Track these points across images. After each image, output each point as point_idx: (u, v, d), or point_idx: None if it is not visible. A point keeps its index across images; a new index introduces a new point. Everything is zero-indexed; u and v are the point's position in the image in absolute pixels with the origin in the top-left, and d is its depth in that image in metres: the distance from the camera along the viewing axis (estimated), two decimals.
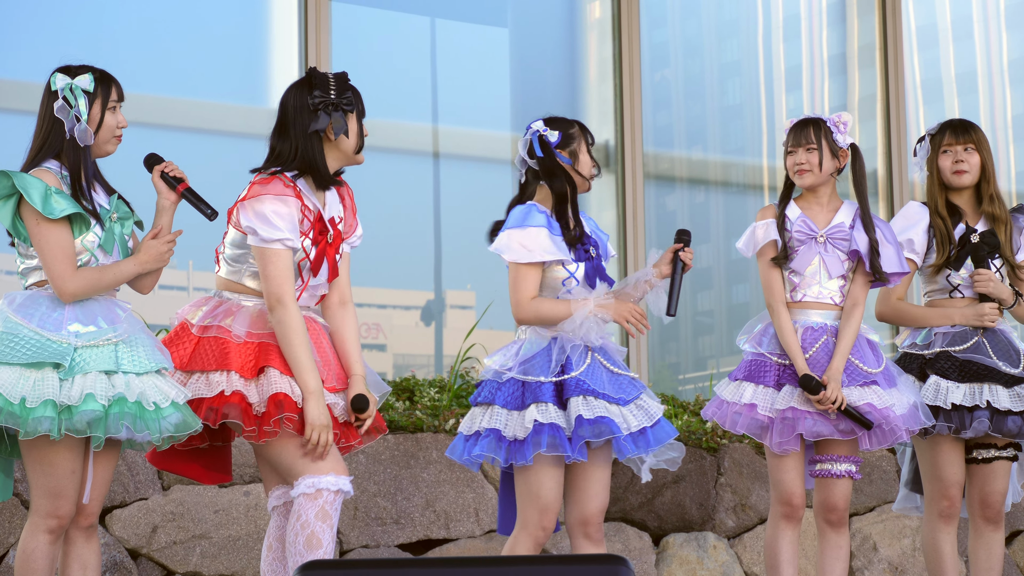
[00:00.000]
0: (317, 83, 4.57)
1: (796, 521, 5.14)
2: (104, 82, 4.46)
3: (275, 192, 4.50)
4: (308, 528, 4.39)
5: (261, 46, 7.78)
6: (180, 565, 5.92)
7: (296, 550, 4.40)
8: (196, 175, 4.25)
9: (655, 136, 8.73)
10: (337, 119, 4.55)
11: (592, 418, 4.63)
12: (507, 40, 8.57)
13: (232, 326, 4.50)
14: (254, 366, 4.45)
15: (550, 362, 4.72)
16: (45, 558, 4.35)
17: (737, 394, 5.15)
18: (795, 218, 5.21)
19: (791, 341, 5.08)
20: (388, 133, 7.87)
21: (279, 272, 4.48)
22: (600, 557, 3.09)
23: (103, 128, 4.45)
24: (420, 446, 6.40)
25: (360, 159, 4.64)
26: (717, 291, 9.13)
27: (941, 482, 5.32)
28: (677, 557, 6.72)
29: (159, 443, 4.40)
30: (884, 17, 9.17)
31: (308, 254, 4.55)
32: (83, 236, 4.39)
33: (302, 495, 4.40)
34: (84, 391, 4.24)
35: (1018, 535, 7.53)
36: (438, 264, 8.10)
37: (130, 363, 4.35)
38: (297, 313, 4.46)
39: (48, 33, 7.28)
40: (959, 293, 5.39)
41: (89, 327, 4.35)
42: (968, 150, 5.41)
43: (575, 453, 4.61)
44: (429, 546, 6.34)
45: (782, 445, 5.06)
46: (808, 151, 5.17)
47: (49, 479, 4.32)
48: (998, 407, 5.23)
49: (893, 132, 9.06)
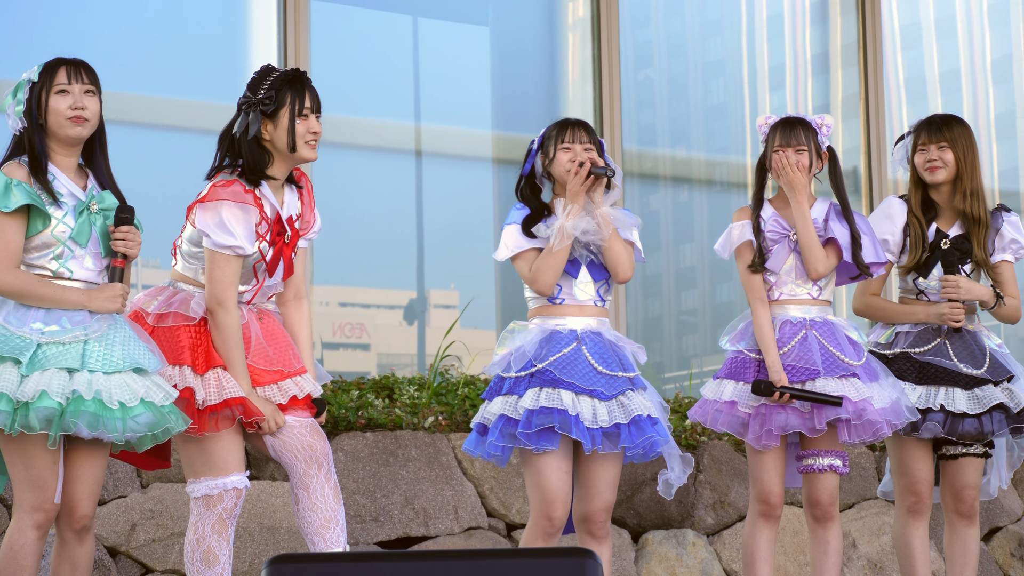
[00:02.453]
0: (251, 83, 4.59)
1: (774, 520, 5.16)
2: (49, 69, 4.45)
3: (234, 198, 4.50)
4: (204, 543, 4.45)
5: (241, 44, 7.78)
6: (159, 563, 5.92)
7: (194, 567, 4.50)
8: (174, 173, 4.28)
9: (639, 135, 8.74)
10: (253, 119, 4.54)
11: (535, 408, 4.71)
12: (488, 39, 8.58)
13: (190, 309, 4.53)
14: (205, 362, 4.50)
15: (525, 355, 4.81)
16: (33, 554, 4.33)
17: (718, 392, 5.18)
18: (768, 218, 5.23)
19: (767, 339, 5.10)
20: (370, 131, 7.88)
21: (225, 276, 4.51)
22: (567, 550, 3.10)
23: (50, 112, 4.43)
24: (399, 443, 6.40)
25: (301, 156, 4.58)
26: (701, 290, 9.14)
27: (908, 478, 5.37)
28: (656, 554, 6.73)
29: (136, 443, 4.38)
30: (865, 16, 9.19)
31: (264, 256, 4.56)
32: (52, 227, 4.37)
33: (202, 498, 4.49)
34: (39, 388, 4.22)
35: (997, 531, 7.54)
36: (420, 263, 8.10)
37: (99, 362, 4.32)
38: (236, 317, 4.51)
39: (28, 32, 7.28)
40: (925, 297, 5.42)
41: (52, 326, 4.33)
42: (942, 148, 5.43)
43: (529, 444, 4.71)
44: (408, 543, 6.35)
45: (761, 440, 5.08)
46: (798, 152, 5.19)
47: (30, 472, 4.31)
48: (953, 410, 5.26)
49: (874, 130, 9.08)
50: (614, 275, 4.90)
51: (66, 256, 4.39)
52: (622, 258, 4.87)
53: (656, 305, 8.97)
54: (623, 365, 4.85)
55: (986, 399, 5.28)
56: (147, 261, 7.48)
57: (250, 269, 4.57)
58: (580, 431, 4.70)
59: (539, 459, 4.76)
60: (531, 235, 4.87)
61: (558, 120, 4.99)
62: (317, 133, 4.59)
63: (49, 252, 4.38)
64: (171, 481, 6.04)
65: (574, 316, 4.89)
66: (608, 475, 4.84)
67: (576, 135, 4.89)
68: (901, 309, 5.43)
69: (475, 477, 6.56)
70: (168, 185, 7.28)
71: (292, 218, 4.64)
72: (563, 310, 4.90)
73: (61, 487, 4.37)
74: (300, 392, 4.63)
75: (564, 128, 4.92)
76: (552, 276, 4.81)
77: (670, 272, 8.91)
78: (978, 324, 5.47)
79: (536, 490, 4.79)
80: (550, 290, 4.84)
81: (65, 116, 4.42)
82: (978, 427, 5.27)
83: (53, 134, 4.44)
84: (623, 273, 4.89)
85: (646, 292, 8.83)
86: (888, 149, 9.04)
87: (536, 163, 4.96)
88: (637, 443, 4.78)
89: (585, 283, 4.90)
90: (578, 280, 4.88)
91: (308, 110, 4.57)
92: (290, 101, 4.54)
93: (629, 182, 8.48)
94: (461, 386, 6.78)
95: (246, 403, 4.48)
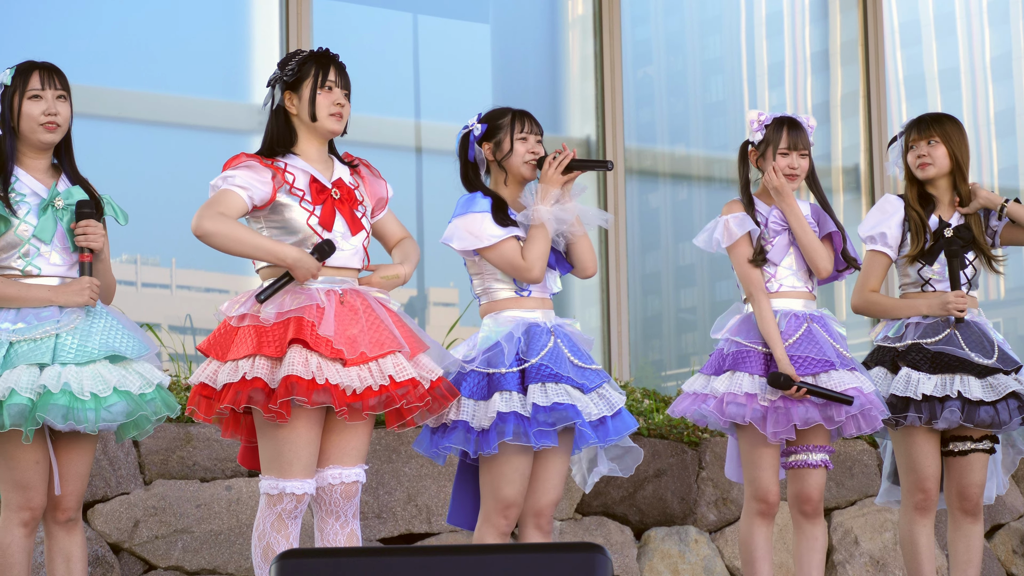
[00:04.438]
0: (281, 62, 4.60)
1: (771, 517, 5.15)
2: (23, 73, 4.45)
3: (237, 163, 4.50)
4: (264, 539, 4.41)
5: (243, 41, 7.78)
6: (162, 559, 5.92)
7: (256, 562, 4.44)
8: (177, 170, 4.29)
9: (638, 132, 8.74)
10: (277, 92, 4.55)
11: (548, 405, 4.63)
12: (488, 36, 8.58)
13: (261, 312, 4.42)
14: (280, 345, 4.35)
15: (510, 350, 4.71)
16: (21, 551, 4.35)
17: (732, 385, 5.11)
18: (767, 211, 5.24)
19: (774, 332, 5.09)
20: (371, 128, 7.87)
21: (215, 201, 4.42)
22: (578, 545, 3.09)
23: (23, 117, 4.44)
24: (402, 440, 6.40)
25: (324, 127, 4.55)
26: (700, 288, 9.13)
27: (916, 474, 5.34)
28: (659, 551, 6.73)
29: (118, 432, 4.39)
30: (865, 13, 9.19)
31: (312, 212, 4.52)
32: (15, 227, 4.38)
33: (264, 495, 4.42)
34: (8, 386, 4.23)
35: (999, 528, 7.55)
36: (421, 261, 8.09)
37: (71, 353, 4.32)
38: (219, 221, 4.39)
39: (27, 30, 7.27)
40: (931, 287, 5.42)
41: (18, 324, 4.34)
42: (932, 143, 5.45)
43: (537, 442, 4.61)
44: (411, 540, 6.35)
45: (778, 435, 5.06)
46: (801, 156, 5.20)
47: (14, 472, 4.33)
48: (969, 397, 5.25)
49: (875, 128, 9.08)
50: (581, 271, 4.87)
51: (32, 254, 4.40)
52: (589, 253, 4.85)
53: (655, 303, 8.97)
54: (590, 358, 4.83)
55: (1000, 387, 5.28)
56: (146, 259, 7.47)
57: (305, 228, 4.51)
58: (584, 425, 4.68)
59: (504, 460, 4.67)
60: (503, 224, 4.79)
61: (497, 109, 4.91)
62: (342, 105, 4.55)
63: (15, 252, 4.40)
64: (174, 478, 6.04)
65: (538, 308, 4.82)
66: (561, 470, 4.79)
67: (531, 126, 4.86)
68: (903, 304, 5.43)
69: None
70: (168, 182, 7.28)
71: (342, 180, 4.61)
72: (530, 303, 4.82)
73: (58, 480, 4.38)
74: (399, 373, 4.44)
75: (517, 118, 4.86)
76: (545, 263, 4.76)
77: (669, 270, 8.91)
78: (982, 316, 5.48)
79: (496, 492, 4.70)
80: (542, 277, 4.76)
81: (38, 122, 4.44)
82: (993, 415, 5.27)
83: (25, 138, 4.46)
84: (590, 268, 4.87)
85: (645, 290, 8.82)
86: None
87: (477, 151, 4.90)
88: (622, 434, 4.74)
89: (555, 276, 4.89)
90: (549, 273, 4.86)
91: (332, 83, 4.56)
92: (313, 73, 4.54)
93: (628, 179, 8.48)
94: None
95: (301, 382, 4.33)
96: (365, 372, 4.40)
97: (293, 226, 4.48)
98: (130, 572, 5.88)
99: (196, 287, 7.80)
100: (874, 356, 5.45)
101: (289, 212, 4.48)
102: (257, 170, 4.47)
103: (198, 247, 4.60)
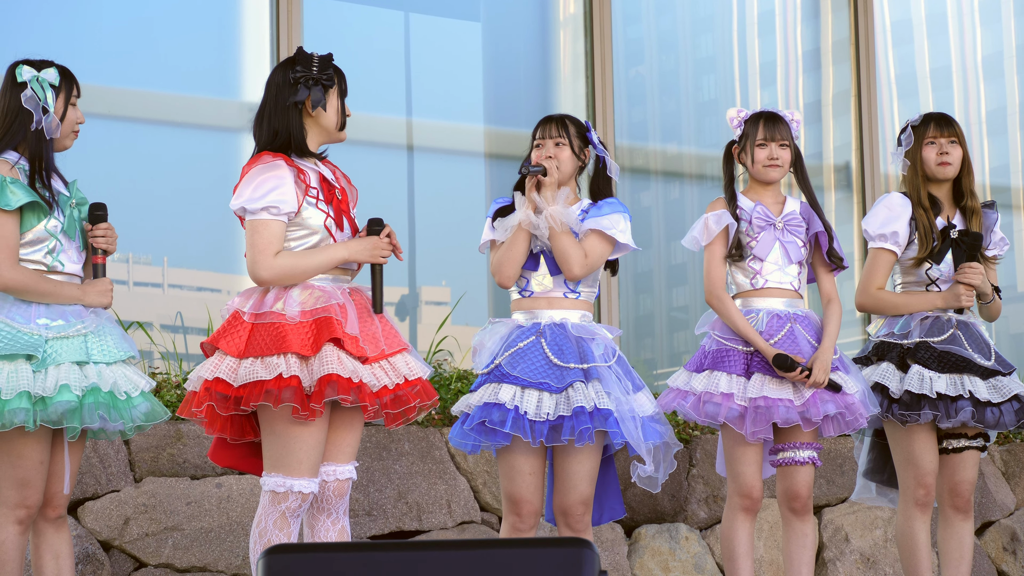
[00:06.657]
0: (300, 61, 4.56)
1: (754, 513, 5.16)
2: (67, 78, 4.54)
3: (263, 163, 4.47)
4: (266, 537, 4.40)
5: (233, 39, 7.77)
6: (152, 557, 5.91)
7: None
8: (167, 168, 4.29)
9: (630, 131, 8.74)
10: (316, 92, 4.52)
11: (480, 405, 4.79)
12: (480, 34, 8.58)
13: (285, 309, 4.39)
14: (314, 344, 4.35)
15: (489, 352, 4.88)
16: (16, 548, 4.37)
17: (710, 384, 5.15)
18: (751, 208, 5.25)
19: (746, 326, 5.12)
20: (362, 126, 7.86)
21: (261, 240, 4.41)
22: (562, 540, 3.10)
23: (65, 122, 4.51)
24: (392, 438, 6.40)
25: (342, 136, 4.63)
26: (692, 286, 9.14)
27: (917, 470, 5.33)
28: (649, 548, 6.74)
29: (130, 432, 4.42)
30: (857, 12, 9.20)
31: (328, 213, 4.52)
32: (45, 222, 4.41)
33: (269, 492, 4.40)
34: (59, 382, 4.26)
35: (990, 526, 7.55)
36: (412, 259, 8.09)
37: (100, 353, 4.39)
38: (276, 265, 4.40)
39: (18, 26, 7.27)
40: (936, 287, 5.41)
41: (58, 320, 4.38)
42: (952, 143, 5.44)
43: (463, 440, 4.82)
44: (401, 538, 6.35)
45: (756, 434, 5.07)
46: (781, 147, 5.21)
47: (17, 470, 4.33)
48: (979, 397, 5.27)
49: (866, 127, 9.09)
50: (563, 272, 4.92)
51: (57, 250, 4.45)
52: (567, 255, 4.87)
53: (647, 301, 8.97)
54: (583, 356, 4.84)
55: (1004, 389, 5.30)
56: (138, 258, 7.46)
57: (322, 229, 4.50)
58: (520, 426, 4.71)
59: (505, 456, 4.80)
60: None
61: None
62: (349, 115, 4.65)
63: (42, 246, 4.43)
64: (164, 475, 6.04)
65: (543, 309, 4.93)
66: (582, 468, 4.82)
67: (547, 131, 4.99)
68: (916, 300, 5.39)
69: (468, 471, 6.56)
70: (158, 180, 7.27)
71: (338, 176, 4.64)
72: (533, 303, 4.94)
73: (68, 479, 4.41)
74: (410, 372, 4.53)
75: (538, 126, 5.02)
76: (509, 268, 4.88)
77: (661, 268, 8.91)
78: (974, 317, 5.48)
79: (503, 486, 4.86)
80: (509, 282, 4.91)
81: (73, 128, 4.56)
82: (998, 415, 5.28)
83: (54, 140, 4.52)
84: (567, 270, 4.90)
85: (637, 288, 8.83)
86: (880, 145, 9.05)
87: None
88: (573, 434, 4.75)
89: (543, 276, 4.93)
90: (537, 273, 4.94)
91: (344, 91, 4.66)
92: (338, 81, 4.60)
93: (620, 177, 8.48)
94: (454, 380, 6.78)
95: (340, 381, 4.34)
96: (379, 370, 4.45)
97: (311, 228, 4.49)
98: (120, 570, 5.88)
99: (187, 286, 7.79)
100: (877, 351, 5.41)
101: (307, 213, 4.49)
102: (284, 176, 4.45)
103: (189, 245, 4.60)
